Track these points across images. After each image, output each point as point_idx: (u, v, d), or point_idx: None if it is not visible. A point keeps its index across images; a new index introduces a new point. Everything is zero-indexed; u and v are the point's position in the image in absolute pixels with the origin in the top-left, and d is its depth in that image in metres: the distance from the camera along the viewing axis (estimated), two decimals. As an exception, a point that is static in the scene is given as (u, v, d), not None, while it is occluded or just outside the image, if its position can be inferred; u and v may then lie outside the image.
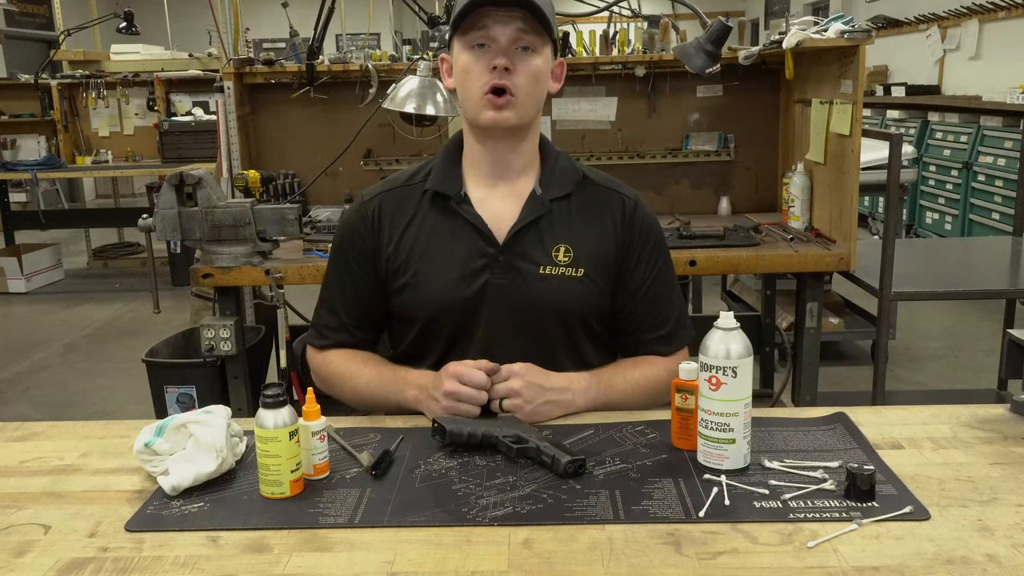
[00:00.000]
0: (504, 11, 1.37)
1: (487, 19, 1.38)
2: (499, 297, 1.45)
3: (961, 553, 0.98)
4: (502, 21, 1.38)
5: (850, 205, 2.47)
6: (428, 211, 1.50)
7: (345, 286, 1.55)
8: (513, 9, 1.37)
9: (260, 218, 2.45)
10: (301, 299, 2.64)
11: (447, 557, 0.99)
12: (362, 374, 1.51)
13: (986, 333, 4.60)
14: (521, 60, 1.40)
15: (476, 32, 1.39)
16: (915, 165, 6.59)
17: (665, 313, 1.54)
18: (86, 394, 4.16)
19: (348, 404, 1.57)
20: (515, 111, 1.41)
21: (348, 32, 5.89)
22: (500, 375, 1.37)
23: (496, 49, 1.39)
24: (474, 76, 1.40)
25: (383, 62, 3.01)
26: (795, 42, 2.49)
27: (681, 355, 1.53)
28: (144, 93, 6.42)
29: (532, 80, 1.41)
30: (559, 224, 1.48)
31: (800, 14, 9.94)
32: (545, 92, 1.46)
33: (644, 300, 1.52)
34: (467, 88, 1.42)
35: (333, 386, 1.56)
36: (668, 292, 1.55)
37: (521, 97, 1.40)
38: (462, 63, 1.42)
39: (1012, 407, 1.37)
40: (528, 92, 1.41)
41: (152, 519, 1.10)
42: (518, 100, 1.40)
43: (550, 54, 1.45)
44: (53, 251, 6.64)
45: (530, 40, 1.40)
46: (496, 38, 1.38)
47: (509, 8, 1.37)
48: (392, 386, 1.47)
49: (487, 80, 1.39)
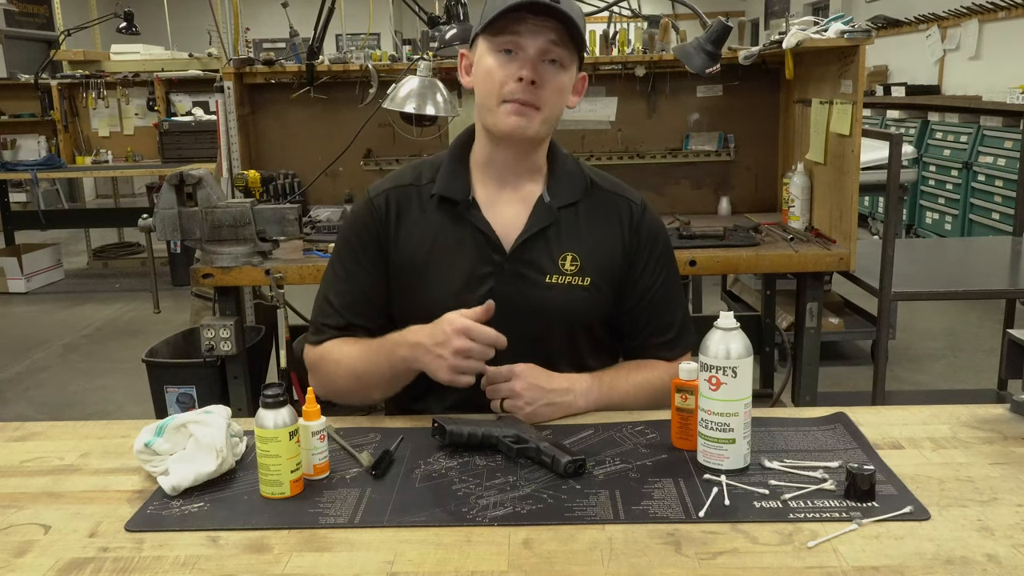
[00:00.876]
0: (539, 20, 1.34)
1: (520, 25, 1.35)
2: (503, 305, 1.42)
3: (961, 553, 0.98)
4: (535, 31, 1.35)
5: (850, 205, 2.47)
6: (435, 214, 1.48)
7: (348, 280, 1.51)
8: (548, 20, 1.34)
9: (260, 218, 2.44)
10: (301, 299, 2.64)
11: (447, 557, 0.99)
12: (352, 352, 1.46)
13: (986, 333, 4.60)
14: (548, 73, 1.37)
15: (506, 36, 1.36)
16: (915, 165, 6.59)
17: (670, 318, 1.53)
18: (86, 394, 4.16)
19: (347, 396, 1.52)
20: (533, 123, 1.38)
21: (348, 32, 5.88)
22: (501, 374, 1.36)
23: (523, 58, 1.36)
24: (497, 81, 1.37)
25: (383, 62, 3.01)
26: (795, 42, 2.49)
27: (685, 360, 1.53)
28: (144, 93, 6.42)
29: (557, 95, 1.39)
30: (566, 232, 1.47)
31: (800, 14, 9.93)
32: (565, 106, 1.44)
33: (649, 305, 1.52)
34: (487, 91, 1.39)
35: (329, 375, 1.50)
36: (673, 297, 1.55)
37: (544, 112, 1.38)
38: (486, 65, 1.39)
39: (1012, 407, 1.37)
40: (551, 106, 1.39)
41: (152, 519, 1.10)
42: (540, 113, 1.38)
43: (575, 70, 1.42)
44: (53, 251, 6.64)
45: (559, 54, 1.37)
46: (525, 47, 1.35)
47: (544, 18, 1.34)
48: (383, 350, 1.41)
49: (511, 89, 1.36)
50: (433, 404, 1.47)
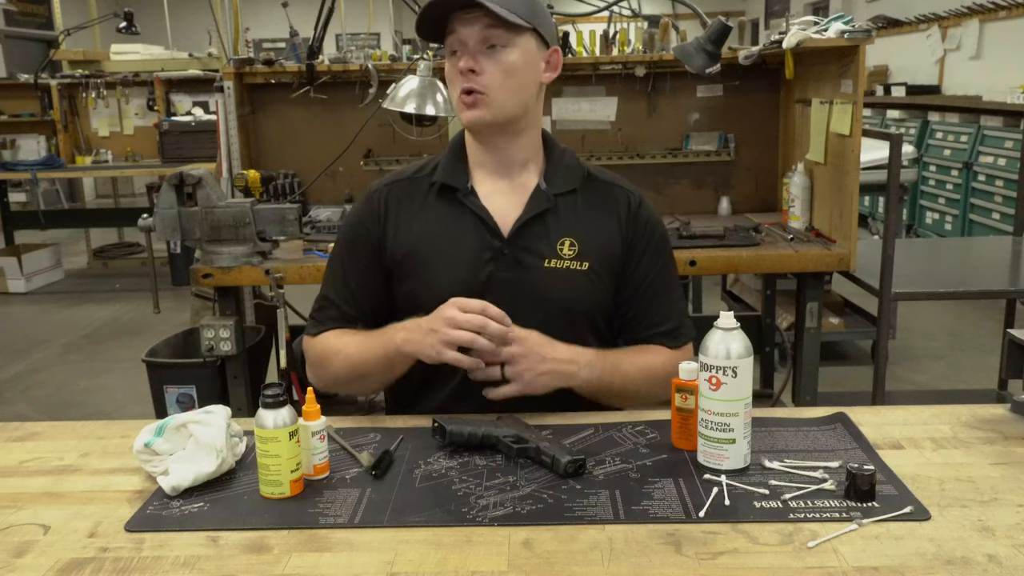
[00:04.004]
0: (466, 12, 1.38)
1: (455, 23, 1.40)
2: (503, 290, 1.44)
3: (961, 553, 0.98)
4: (467, 23, 1.39)
5: (850, 205, 2.47)
6: (435, 203, 1.51)
7: (347, 277, 1.55)
8: (473, 9, 1.38)
9: (260, 218, 2.45)
10: (301, 299, 2.64)
11: (447, 557, 0.99)
12: (350, 342, 1.48)
13: (986, 333, 4.60)
14: (490, 58, 1.40)
15: (449, 37, 1.42)
16: (915, 165, 6.58)
17: (668, 307, 1.55)
18: (86, 394, 4.16)
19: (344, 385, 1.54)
20: (488, 109, 1.41)
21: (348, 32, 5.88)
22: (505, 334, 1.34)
23: (465, 52, 1.41)
24: (452, 80, 1.44)
25: (383, 62, 3.01)
26: (795, 42, 2.49)
27: (686, 351, 1.54)
28: (144, 93, 6.42)
29: (503, 76, 1.41)
30: (564, 218, 1.49)
31: (800, 14, 9.93)
32: (531, 84, 1.45)
33: (648, 295, 1.53)
34: (451, 93, 1.47)
35: (326, 365, 1.51)
36: (672, 289, 1.56)
37: (492, 94, 1.41)
38: (446, 70, 1.46)
39: (1012, 407, 1.37)
40: (500, 87, 1.41)
41: (152, 519, 1.10)
42: (489, 98, 1.41)
43: (533, 45, 1.43)
44: (53, 251, 6.64)
45: (499, 36, 1.40)
46: (465, 40, 1.40)
47: (469, 9, 1.38)
48: (380, 338, 1.43)
49: (459, 82, 1.42)
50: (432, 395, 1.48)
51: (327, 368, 1.52)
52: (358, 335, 1.50)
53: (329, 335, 1.53)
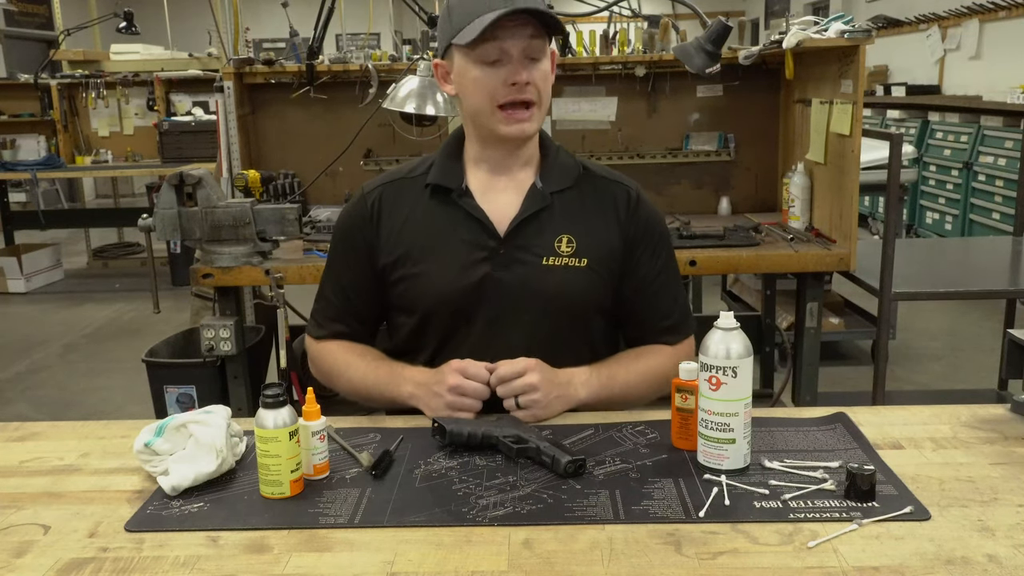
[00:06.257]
0: (516, 22, 1.36)
1: (499, 31, 1.36)
2: (498, 289, 1.45)
3: (961, 553, 0.98)
4: (514, 33, 1.37)
5: (850, 205, 2.47)
6: (429, 203, 1.51)
7: (342, 277, 1.56)
8: (525, 17, 1.35)
9: (260, 218, 2.44)
10: (301, 299, 2.64)
11: (447, 557, 0.99)
12: (359, 367, 1.51)
13: (986, 333, 4.60)
14: (534, 69, 1.40)
15: (489, 45, 1.37)
16: (915, 165, 6.58)
17: (671, 303, 1.55)
18: (86, 394, 4.16)
19: (344, 395, 1.57)
20: (536, 121, 1.43)
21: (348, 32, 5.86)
22: (516, 368, 1.35)
23: (509, 63, 1.38)
24: (488, 90, 1.39)
25: (383, 62, 3.01)
26: (795, 42, 2.49)
27: (688, 344, 1.54)
28: (144, 93, 6.42)
29: (545, 83, 1.42)
30: (561, 216, 1.49)
31: (800, 14, 9.92)
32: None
33: (651, 290, 1.53)
34: (479, 101, 1.41)
35: (330, 377, 1.56)
36: (673, 282, 1.56)
37: (542, 105, 1.43)
38: (472, 77, 1.40)
39: (1012, 407, 1.37)
40: (546, 96, 1.43)
41: (152, 519, 1.10)
42: (539, 109, 1.42)
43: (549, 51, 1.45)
44: (53, 251, 6.64)
45: (539, 46, 1.40)
46: (509, 51, 1.37)
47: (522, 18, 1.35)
48: (389, 381, 1.46)
49: (505, 94, 1.39)
50: None
51: (331, 380, 1.56)
52: (365, 358, 1.52)
53: (334, 348, 1.55)
